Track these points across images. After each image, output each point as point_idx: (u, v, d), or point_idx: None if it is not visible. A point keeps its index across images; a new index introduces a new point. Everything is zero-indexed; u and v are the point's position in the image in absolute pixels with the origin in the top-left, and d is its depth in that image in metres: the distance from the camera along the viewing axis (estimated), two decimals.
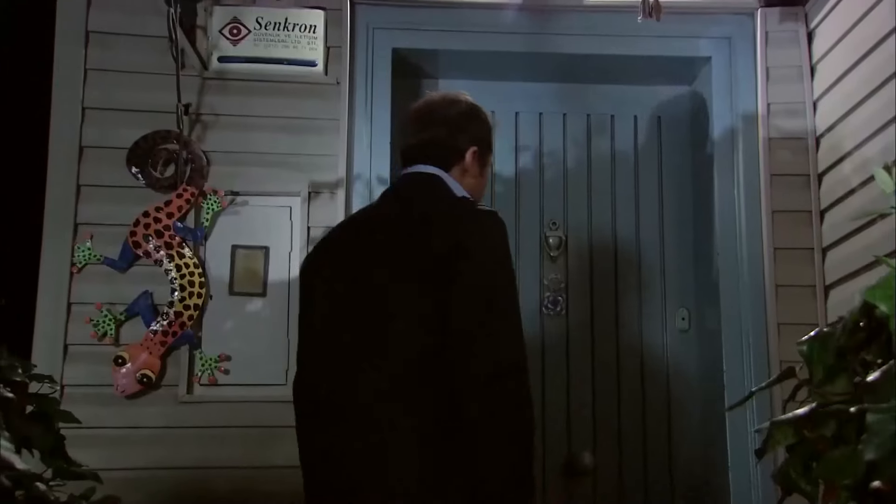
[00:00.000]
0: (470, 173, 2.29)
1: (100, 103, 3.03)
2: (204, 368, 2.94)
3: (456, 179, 2.26)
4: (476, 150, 2.30)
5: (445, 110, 2.32)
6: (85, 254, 2.95)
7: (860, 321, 1.08)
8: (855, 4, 2.91)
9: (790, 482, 1.11)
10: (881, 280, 0.96)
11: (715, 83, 3.26)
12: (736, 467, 3.00)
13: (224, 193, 3.03)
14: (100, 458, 2.35)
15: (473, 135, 2.30)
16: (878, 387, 0.97)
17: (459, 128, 2.29)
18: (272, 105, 3.09)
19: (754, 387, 2.75)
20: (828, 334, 1.13)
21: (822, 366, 1.10)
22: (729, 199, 3.17)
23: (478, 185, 2.33)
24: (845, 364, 1.09)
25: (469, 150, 2.28)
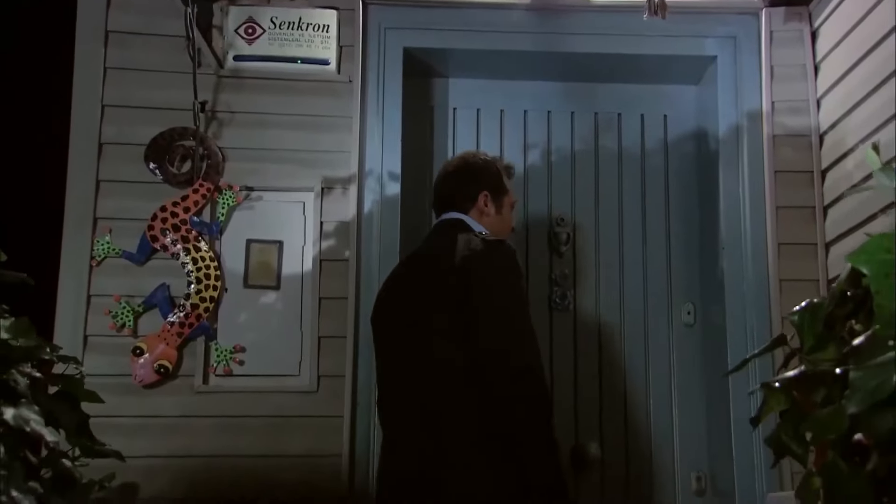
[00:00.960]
0: (485, 214, 2.71)
1: (119, 101, 3.11)
2: (219, 359, 3.01)
3: (476, 220, 2.69)
4: (487, 194, 2.72)
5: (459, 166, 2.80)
6: (104, 247, 3.03)
7: (847, 290, 1.14)
8: (857, 4, 2.96)
9: (782, 445, 1.17)
10: (863, 244, 1.02)
11: (720, 82, 3.32)
12: (740, 457, 3.05)
13: (239, 189, 3.11)
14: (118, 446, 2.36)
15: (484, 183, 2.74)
16: (863, 350, 1.03)
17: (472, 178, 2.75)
18: (286, 102, 3.16)
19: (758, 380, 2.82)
20: (817, 304, 1.19)
21: (812, 334, 1.16)
22: (734, 196, 3.23)
23: (495, 223, 2.72)
24: (834, 333, 1.15)
25: (481, 195, 2.71)
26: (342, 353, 3.02)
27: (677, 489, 3.27)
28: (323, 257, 3.09)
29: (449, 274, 2.46)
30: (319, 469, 2.95)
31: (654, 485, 3.27)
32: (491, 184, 2.76)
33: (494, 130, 3.49)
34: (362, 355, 3.02)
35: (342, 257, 3.09)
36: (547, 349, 3.29)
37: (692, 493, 3.25)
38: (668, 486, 3.27)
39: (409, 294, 2.59)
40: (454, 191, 2.75)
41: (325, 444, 2.97)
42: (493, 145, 3.46)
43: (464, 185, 2.74)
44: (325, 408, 2.99)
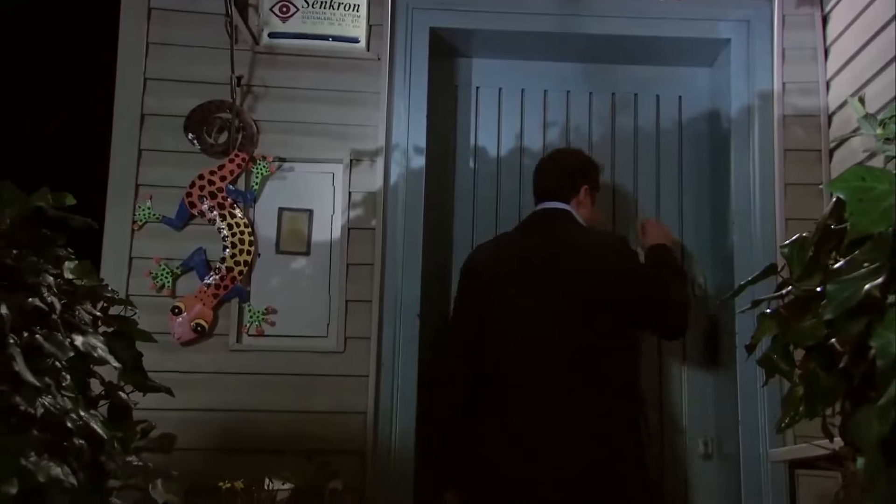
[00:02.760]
0: (583, 205, 3.16)
1: (160, 75, 3.27)
2: (252, 320, 3.17)
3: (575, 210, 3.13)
4: (587, 187, 3.18)
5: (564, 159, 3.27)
6: (145, 213, 3.20)
7: (831, 223, 1.29)
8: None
9: (772, 364, 1.32)
10: (841, 174, 1.17)
11: (734, 64, 3.45)
12: (745, 423, 3.18)
13: (272, 159, 3.27)
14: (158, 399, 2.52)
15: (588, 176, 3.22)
16: (842, 272, 1.18)
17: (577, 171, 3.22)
18: (317, 78, 3.32)
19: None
20: (805, 238, 1.34)
21: (799, 264, 1.30)
22: (744, 173, 3.36)
23: (588, 215, 3.18)
24: (819, 262, 1.30)
25: (583, 188, 3.17)
26: (368, 317, 3.18)
27: (686, 453, 3.41)
28: (351, 226, 3.25)
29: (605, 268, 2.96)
30: (344, 425, 3.10)
31: (664, 448, 3.41)
32: (592, 178, 3.22)
33: (515, 109, 3.64)
34: (387, 319, 3.18)
35: (369, 226, 3.25)
36: None
37: (700, 457, 3.40)
38: (676, 449, 3.41)
39: (557, 284, 2.95)
40: (560, 179, 3.16)
41: (350, 402, 3.12)
42: (514, 124, 3.61)
43: (573, 176, 3.17)
44: (350, 367, 3.15)
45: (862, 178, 1.12)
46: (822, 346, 1.19)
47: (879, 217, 1.09)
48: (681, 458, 3.40)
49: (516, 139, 3.59)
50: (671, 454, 3.41)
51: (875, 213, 1.09)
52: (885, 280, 1.06)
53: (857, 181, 1.12)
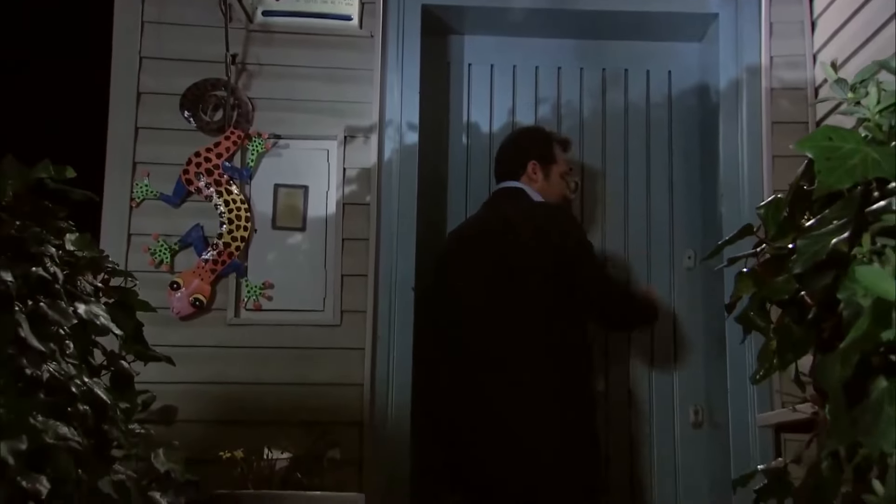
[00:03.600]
0: (534, 181, 3.22)
1: (155, 53, 3.32)
2: (249, 294, 3.23)
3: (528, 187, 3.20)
4: (535, 163, 3.23)
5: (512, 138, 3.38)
6: (143, 190, 3.24)
7: (803, 184, 1.34)
8: None
9: (749, 321, 1.38)
10: (810, 133, 1.22)
11: (722, 38, 3.50)
12: (734, 391, 3.25)
13: (267, 136, 3.31)
14: (158, 373, 2.59)
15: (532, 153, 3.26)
16: (813, 228, 1.24)
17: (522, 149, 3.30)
18: (311, 55, 3.36)
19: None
20: (779, 199, 1.39)
21: (774, 223, 1.36)
22: (733, 146, 3.41)
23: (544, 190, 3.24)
24: (794, 222, 1.35)
25: (529, 164, 3.23)
26: (363, 290, 3.24)
27: (676, 421, 3.48)
28: (346, 201, 3.30)
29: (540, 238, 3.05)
30: (342, 396, 3.17)
31: (655, 417, 3.48)
32: (537, 154, 3.25)
33: (507, 86, 3.68)
34: (382, 292, 3.23)
35: (363, 201, 3.30)
36: None
37: (690, 424, 3.47)
38: (667, 419, 3.48)
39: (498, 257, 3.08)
40: (508, 160, 3.27)
41: (346, 374, 3.19)
42: (506, 100, 3.66)
43: (517, 155, 3.27)
44: (347, 340, 3.21)
45: (829, 137, 1.18)
46: (794, 300, 1.25)
47: (845, 174, 1.14)
48: (671, 427, 3.47)
49: (508, 115, 3.63)
50: (662, 423, 3.47)
51: (841, 171, 1.14)
52: (851, 234, 1.12)
53: (824, 140, 1.17)
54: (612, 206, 3.62)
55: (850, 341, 0.99)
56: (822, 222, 1.23)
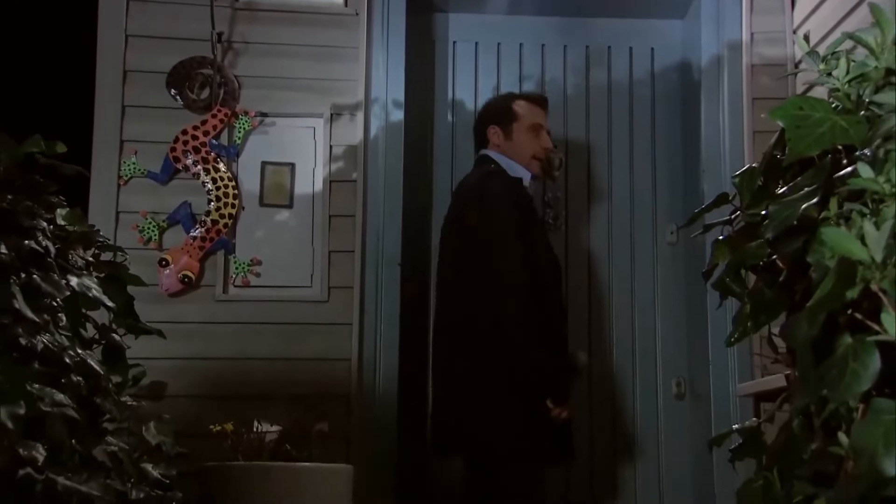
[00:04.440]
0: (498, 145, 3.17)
1: (141, 31, 3.33)
2: (238, 271, 3.26)
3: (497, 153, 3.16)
4: (494, 127, 3.18)
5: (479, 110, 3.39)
6: (130, 168, 3.27)
7: (776, 153, 1.39)
8: None
9: (725, 286, 1.42)
10: (782, 103, 1.27)
11: (703, 15, 3.54)
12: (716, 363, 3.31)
13: (254, 114, 3.34)
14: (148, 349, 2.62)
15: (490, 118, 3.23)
16: (785, 195, 1.28)
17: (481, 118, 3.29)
18: (297, 34, 3.38)
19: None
20: (754, 168, 1.44)
21: (749, 192, 1.40)
22: (714, 122, 3.46)
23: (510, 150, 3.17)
24: (767, 190, 1.40)
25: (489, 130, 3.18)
26: (350, 266, 3.28)
27: (659, 393, 3.54)
28: (332, 178, 3.33)
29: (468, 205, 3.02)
30: (330, 371, 3.21)
31: (638, 389, 3.54)
32: (495, 117, 3.20)
33: (492, 63, 3.71)
34: (369, 268, 3.27)
35: (350, 178, 3.33)
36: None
37: (672, 396, 3.53)
38: (650, 391, 3.54)
39: (444, 225, 3.18)
40: (475, 131, 3.28)
41: (335, 349, 3.23)
42: (491, 78, 3.69)
43: (478, 124, 3.27)
44: (335, 316, 3.25)
45: (800, 107, 1.22)
46: (767, 265, 1.29)
47: (815, 141, 1.18)
48: (654, 398, 3.53)
49: (493, 92, 3.66)
50: (644, 394, 3.54)
51: (811, 138, 1.19)
52: (820, 200, 1.16)
53: (795, 110, 1.22)
54: (596, 182, 3.67)
55: (816, 300, 1.03)
56: (793, 189, 1.27)
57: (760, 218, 1.34)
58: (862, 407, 1.09)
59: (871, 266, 1.00)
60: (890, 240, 0.99)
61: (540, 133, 3.21)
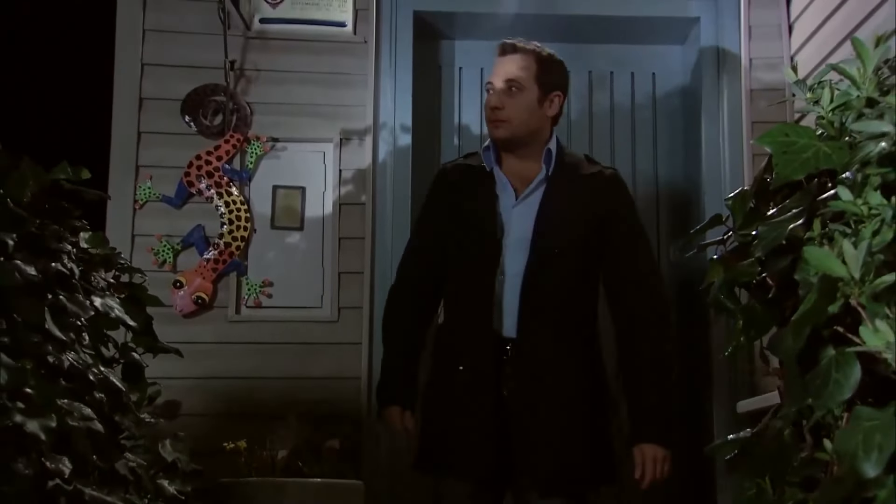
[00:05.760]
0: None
1: (157, 60, 3.43)
2: (250, 292, 3.34)
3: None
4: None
5: None
6: (146, 192, 3.36)
7: (766, 177, 1.47)
8: None
9: (719, 303, 1.50)
10: (769, 130, 1.35)
11: (703, 42, 3.63)
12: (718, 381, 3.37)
13: (266, 139, 3.43)
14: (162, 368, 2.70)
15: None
16: (774, 216, 1.36)
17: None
18: (307, 61, 3.48)
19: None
20: (745, 191, 1.52)
21: (741, 214, 1.48)
22: (714, 144, 3.55)
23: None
24: (759, 212, 1.47)
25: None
26: (360, 287, 3.36)
27: None
28: (342, 201, 3.42)
29: None
30: (340, 390, 3.28)
31: None
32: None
33: None
34: (378, 289, 3.34)
35: (359, 201, 3.42)
36: None
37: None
38: None
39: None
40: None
41: (345, 369, 3.30)
42: None
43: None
44: (344, 336, 3.33)
45: (786, 133, 1.30)
46: (758, 282, 1.37)
47: (800, 166, 1.26)
48: None
49: None
50: None
51: (797, 163, 1.27)
52: (805, 221, 1.24)
53: (781, 136, 1.30)
54: None
55: (800, 314, 1.11)
56: (781, 211, 1.35)
57: (751, 238, 1.42)
58: (846, 415, 1.16)
59: (850, 282, 1.08)
60: (867, 258, 1.07)
61: (491, 90, 2.70)
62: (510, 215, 2.61)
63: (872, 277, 1.07)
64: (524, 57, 2.70)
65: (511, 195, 2.64)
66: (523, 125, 2.64)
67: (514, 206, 2.62)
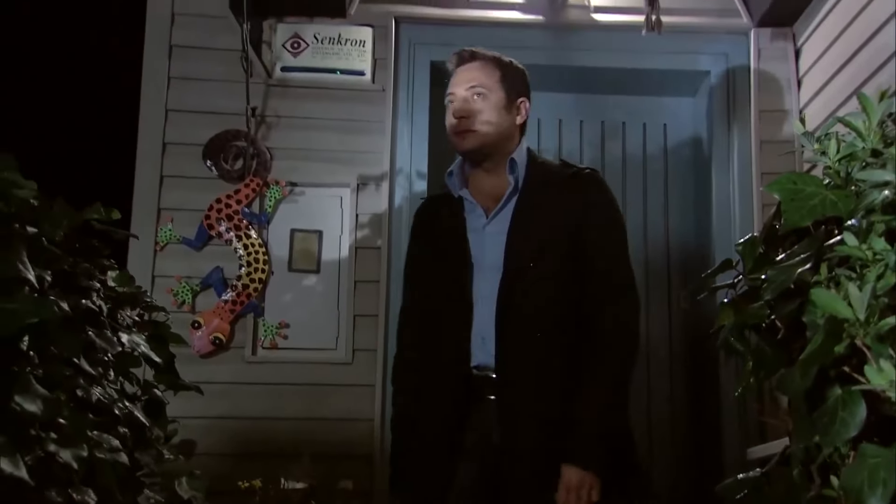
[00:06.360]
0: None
1: (180, 106, 3.53)
2: (266, 334, 3.40)
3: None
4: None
5: None
6: (167, 234, 3.43)
7: (775, 223, 1.52)
8: (835, 25, 3.34)
9: (729, 345, 1.55)
10: (777, 178, 1.41)
11: (714, 94, 3.71)
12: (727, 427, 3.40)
13: (285, 184, 3.51)
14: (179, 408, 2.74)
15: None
16: (782, 261, 1.41)
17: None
18: (326, 108, 3.57)
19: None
20: (755, 237, 1.58)
21: (751, 259, 1.53)
22: (725, 195, 3.61)
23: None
24: (768, 257, 1.53)
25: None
26: (374, 330, 3.41)
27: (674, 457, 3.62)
28: (358, 245, 3.48)
29: None
30: (354, 431, 3.32)
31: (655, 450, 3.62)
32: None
33: None
34: (392, 331, 3.37)
35: (375, 245, 3.48)
36: None
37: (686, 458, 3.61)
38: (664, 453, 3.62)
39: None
40: None
41: (358, 410, 3.34)
42: None
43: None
44: (359, 377, 3.37)
45: (794, 181, 1.36)
46: (767, 325, 1.42)
47: (807, 213, 1.32)
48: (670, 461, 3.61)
49: None
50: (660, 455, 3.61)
51: (804, 210, 1.32)
52: (813, 265, 1.30)
53: (789, 184, 1.36)
54: None
55: (808, 354, 1.16)
56: (790, 256, 1.40)
57: (761, 282, 1.47)
58: (852, 453, 1.21)
59: (855, 324, 1.13)
60: (872, 300, 1.12)
61: (453, 101, 2.48)
62: (482, 237, 2.40)
63: (877, 319, 1.12)
64: (485, 63, 2.50)
65: (480, 215, 2.42)
66: (493, 131, 2.43)
67: (485, 227, 2.41)
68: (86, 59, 3.83)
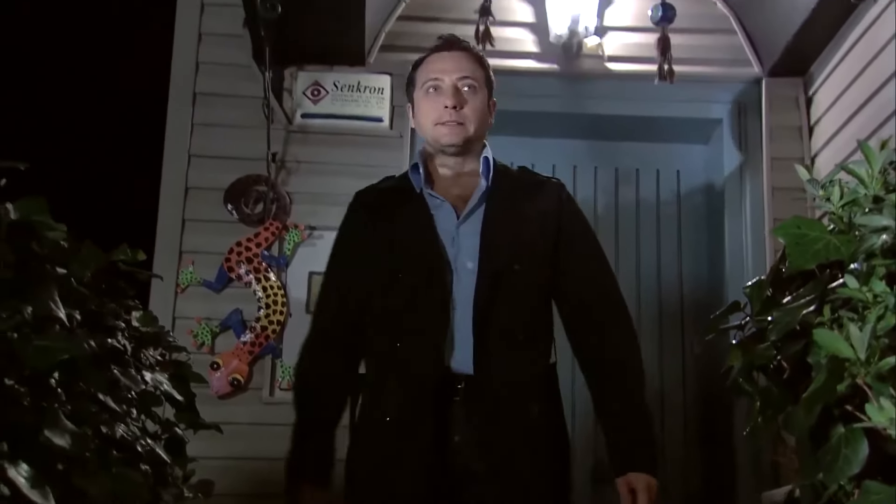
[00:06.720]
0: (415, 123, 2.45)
1: (203, 152, 3.62)
2: (284, 375, 3.44)
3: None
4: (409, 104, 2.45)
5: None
6: (188, 276, 3.50)
7: (781, 267, 1.57)
8: (846, 74, 3.41)
9: (737, 386, 1.58)
10: (783, 222, 1.45)
11: (726, 142, 3.78)
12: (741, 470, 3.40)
13: (303, 227, 3.57)
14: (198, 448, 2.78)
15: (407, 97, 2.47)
16: (789, 304, 1.46)
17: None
18: (345, 154, 3.65)
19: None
20: (762, 280, 1.62)
21: (759, 301, 1.58)
22: (738, 240, 3.66)
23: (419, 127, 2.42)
24: (776, 300, 1.57)
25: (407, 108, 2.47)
26: None
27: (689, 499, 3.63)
28: None
29: None
30: None
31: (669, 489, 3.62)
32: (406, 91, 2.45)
33: None
34: None
35: None
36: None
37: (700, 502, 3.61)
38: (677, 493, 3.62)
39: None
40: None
41: None
42: None
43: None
44: None
45: (798, 226, 1.41)
46: (775, 366, 1.46)
47: (811, 256, 1.37)
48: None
49: None
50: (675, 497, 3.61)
51: (808, 254, 1.37)
52: (817, 307, 1.34)
53: (794, 229, 1.40)
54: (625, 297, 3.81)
55: (811, 393, 1.20)
56: (795, 298, 1.45)
57: (768, 323, 1.51)
58: (857, 491, 1.24)
59: (857, 363, 1.17)
60: (873, 341, 1.16)
61: (440, 87, 2.31)
62: (456, 236, 2.26)
63: (877, 359, 1.16)
64: (473, 56, 2.37)
65: (450, 214, 2.28)
66: (479, 130, 2.34)
67: (458, 227, 2.27)
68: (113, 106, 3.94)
